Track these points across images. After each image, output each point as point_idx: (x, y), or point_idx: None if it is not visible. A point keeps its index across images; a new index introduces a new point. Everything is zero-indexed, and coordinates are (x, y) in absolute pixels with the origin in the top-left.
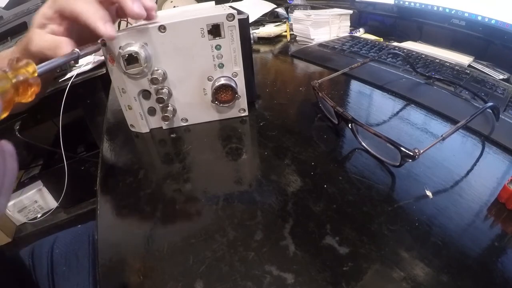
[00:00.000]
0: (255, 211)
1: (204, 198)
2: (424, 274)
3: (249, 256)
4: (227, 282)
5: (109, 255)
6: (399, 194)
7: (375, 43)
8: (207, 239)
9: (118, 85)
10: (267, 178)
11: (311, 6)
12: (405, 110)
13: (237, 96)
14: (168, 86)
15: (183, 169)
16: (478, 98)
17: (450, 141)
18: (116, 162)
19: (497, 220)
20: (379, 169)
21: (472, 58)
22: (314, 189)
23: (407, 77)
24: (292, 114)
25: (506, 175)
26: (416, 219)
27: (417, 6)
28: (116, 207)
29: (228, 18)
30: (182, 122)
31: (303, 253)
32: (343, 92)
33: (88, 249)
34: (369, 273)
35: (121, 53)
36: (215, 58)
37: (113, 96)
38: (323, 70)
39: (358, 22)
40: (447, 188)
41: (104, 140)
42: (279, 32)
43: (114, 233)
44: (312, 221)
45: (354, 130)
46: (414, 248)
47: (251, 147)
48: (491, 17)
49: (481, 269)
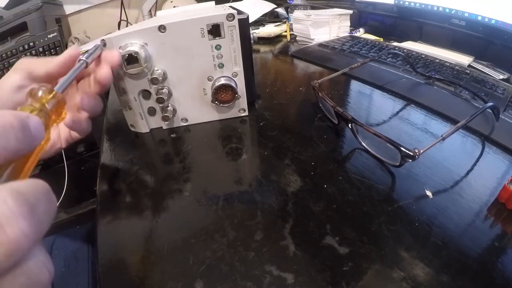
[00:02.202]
0: (255, 211)
1: (204, 198)
2: (424, 274)
3: (249, 256)
4: (227, 282)
5: (109, 255)
6: (399, 194)
7: (375, 43)
8: (207, 239)
9: (118, 85)
10: (267, 178)
11: (311, 6)
12: (405, 110)
13: (237, 96)
14: (168, 86)
15: (183, 169)
16: (478, 98)
17: (450, 141)
18: (116, 162)
19: (497, 220)
20: (379, 169)
21: (472, 58)
22: (314, 189)
23: (407, 77)
24: (292, 114)
25: (506, 175)
26: (416, 219)
27: (417, 6)
28: (116, 207)
29: (228, 18)
30: (182, 122)
31: (303, 253)
32: (343, 92)
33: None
34: (369, 273)
35: (121, 53)
36: (215, 58)
37: (113, 96)
38: (323, 70)
39: (358, 22)
40: (447, 188)
41: (104, 140)
42: (279, 32)
43: (114, 233)
44: (312, 221)
45: (354, 130)
46: (414, 248)
47: (251, 147)
48: (491, 17)
49: (481, 269)
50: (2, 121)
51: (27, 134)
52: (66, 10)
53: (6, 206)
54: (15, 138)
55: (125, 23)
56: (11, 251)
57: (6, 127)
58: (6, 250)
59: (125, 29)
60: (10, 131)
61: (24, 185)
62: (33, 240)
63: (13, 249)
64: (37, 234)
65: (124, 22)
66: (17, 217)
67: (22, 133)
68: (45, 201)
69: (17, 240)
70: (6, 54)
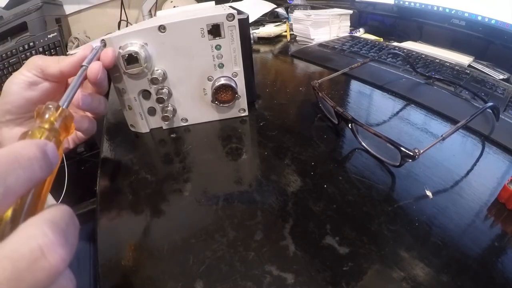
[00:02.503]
0: (255, 211)
1: (204, 198)
2: (424, 274)
3: (249, 256)
4: (227, 282)
5: (109, 255)
6: (399, 194)
7: (375, 43)
8: (207, 239)
9: (118, 85)
10: (267, 178)
11: (311, 6)
12: (405, 110)
13: (237, 96)
14: (168, 86)
15: (183, 169)
16: (478, 98)
17: (450, 141)
18: (116, 162)
19: (497, 220)
20: (379, 169)
21: (472, 58)
22: (314, 189)
23: (407, 77)
24: (292, 114)
25: (506, 175)
26: (416, 219)
27: (417, 6)
28: (116, 207)
29: (228, 18)
30: (182, 122)
31: (303, 253)
32: (343, 92)
33: (89, 250)
34: (369, 273)
35: (121, 53)
36: (215, 58)
37: (113, 96)
38: (323, 70)
39: (358, 22)
40: (447, 188)
41: (104, 140)
42: (279, 32)
43: (114, 233)
44: (312, 221)
45: (354, 130)
46: (414, 248)
47: (251, 147)
48: (491, 17)
49: (481, 269)
50: (27, 154)
51: (48, 163)
52: (66, 10)
53: (48, 238)
54: (39, 168)
55: (125, 23)
56: (53, 274)
57: (31, 159)
58: (49, 274)
59: (125, 29)
60: (35, 163)
61: (57, 215)
62: (68, 262)
63: (54, 273)
64: (70, 255)
65: (124, 22)
66: (56, 246)
67: (44, 162)
68: (72, 226)
69: (57, 265)
70: (6, 54)
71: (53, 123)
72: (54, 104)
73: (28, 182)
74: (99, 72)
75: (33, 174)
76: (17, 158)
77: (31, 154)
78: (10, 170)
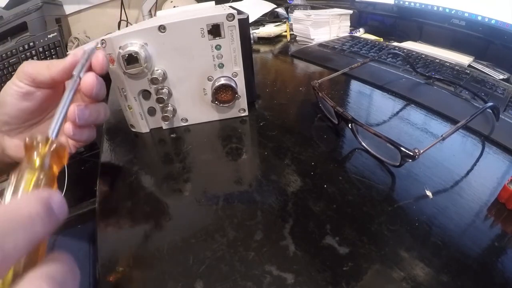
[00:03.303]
0: (255, 211)
1: (204, 198)
2: (424, 274)
3: (249, 256)
4: (227, 282)
5: (109, 255)
6: (399, 194)
7: (375, 43)
8: (207, 239)
9: (118, 85)
10: (267, 178)
11: (311, 6)
12: (405, 110)
13: (237, 96)
14: (168, 86)
15: (183, 169)
16: (478, 98)
17: (450, 141)
18: (116, 162)
19: (497, 220)
20: (379, 169)
21: (472, 58)
22: (314, 189)
23: (407, 77)
24: (292, 114)
25: (506, 175)
26: (416, 219)
27: (417, 6)
28: (116, 207)
29: (228, 18)
30: (182, 122)
31: (303, 253)
32: (343, 92)
33: (89, 249)
34: (369, 273)
35: (121, 53)
36: (215, 58)
37: (113, 96)
38: (323, 70)
39: (358, 22)
40: (447, 188)
41: (104, 140)
42: (279, 32)
43: (114, 233)
44: (312, 221)
45: (354, 130)
46: (414, 248)
47: (251, 147)
48: (491, 17)
49: (481, 269)
50: (28, 211)
51: (53, 218)
52: (66, 10)
53: None
54: (42, 226)
55: (125, 23)
56: None
57: (32, 217)
58: None
59: (125, 29)
60: (37, 220)
61: (55, 270)
62: None
63: None
64: None
65: (124, 22)
66: None
67: (48, 218)
68: (71, 277)
69: None
70: (6, 54)
71: (43, 159)
72: (42, 138)
73: (28, 244)
74: (94, 85)
75: (34, 234)
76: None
77: (33, 211)
78: (9, 233)
